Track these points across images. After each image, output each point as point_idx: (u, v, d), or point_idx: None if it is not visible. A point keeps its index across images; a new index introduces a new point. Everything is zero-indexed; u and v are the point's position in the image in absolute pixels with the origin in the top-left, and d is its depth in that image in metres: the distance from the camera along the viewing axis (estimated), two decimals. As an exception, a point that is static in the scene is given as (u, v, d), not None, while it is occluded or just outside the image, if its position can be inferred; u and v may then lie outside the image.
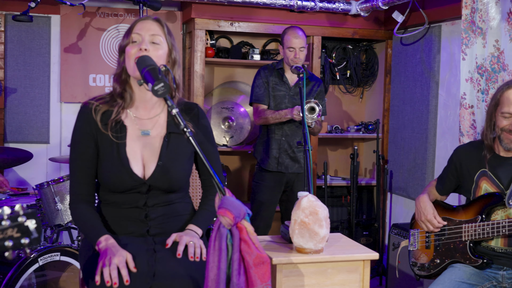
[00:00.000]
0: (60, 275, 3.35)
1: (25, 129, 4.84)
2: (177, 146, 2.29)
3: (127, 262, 2.03)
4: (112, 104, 2.27)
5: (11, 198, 3.93)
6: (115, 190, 2.24)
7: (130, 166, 2.21)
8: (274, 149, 4.16)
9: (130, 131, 2.26)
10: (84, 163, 2.25)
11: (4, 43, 4.73)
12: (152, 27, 2.25)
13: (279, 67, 4.21)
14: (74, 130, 2.29)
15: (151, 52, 2.20)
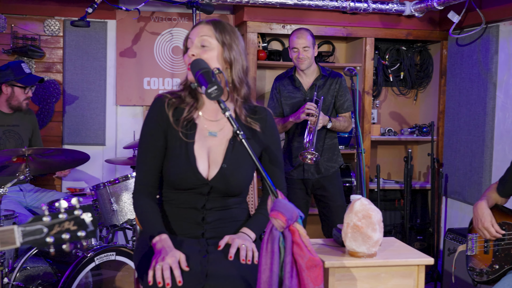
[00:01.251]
0: (116, 275, 3.42)
1: (82, 132, 4.97)
2: (242, 151, 2.28)
3: (180, 262, 2.05)
4: (184, 102, 2.30)
5: (69, 198, 4.04)
6: (178, 187, 2.25)
7: (196, 164, 2.23)
8: (297, 157, 4.05)
9: (199, 131, 2.28)
10: (152, 154, 2.27)
11: (63, 48, 4.88)
12: (202, 30, 2.25)
13: (290, 74, 4.11)
14: (145, 121, 2.32)
15: (200, 56, 2.21)
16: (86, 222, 1.55)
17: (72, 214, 1.54)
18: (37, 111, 4.84)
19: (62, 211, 1.54)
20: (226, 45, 2.24)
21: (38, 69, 4.86)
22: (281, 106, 4.09)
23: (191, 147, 2.25)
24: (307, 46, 3.92)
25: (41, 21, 4.85)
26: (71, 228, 1.53)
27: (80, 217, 1.55)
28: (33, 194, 4.12)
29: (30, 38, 4.81)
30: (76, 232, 1.54)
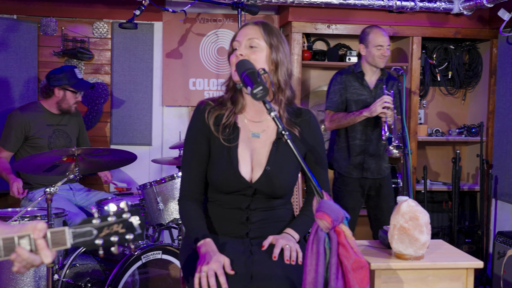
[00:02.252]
0: (162, 273, 3.46)
1: (129, 132, 5.05)
2: (286, 153, 2.28)
3: (225, 266, 2.05)
4: (224, 108, 2.31)
5: (117, 197, 4.12)
6: (222, 190, 2.27)
7: (238, 168, 2.24)
8: (357, 155, 4.03)
9: (242, 133, 2.29)
10: (196, 160, 2.29)
11: (111, 50, 4.98)
12: (250, 32, 2.26)
13: (358, 71, 4.06)
14: (188, 127, 2.34)
15: (248, 56, 2.21)
16: (134, 225, 1.58)
17: (121, 217, 1.57)
18: (86, 112, 4.95)
19: (111, 214, 1.57)
20: (273, 46, 2.25)
21: (87, 70, 4.97)
22: (346, 102, 4.06)
23: (234, 150, 2.26)
24: (389, 44, 3.96)
25: (90, 23, 4.95)
26: (119, 231, 1.56)
27: (129, 220, 1.58)
28: (82, 193, 4.21)
29: (80, 41, 4.92)
30: (124, 235, 1.57)
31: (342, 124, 3.98)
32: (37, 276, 3.31)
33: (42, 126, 4.13)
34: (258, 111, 2.31)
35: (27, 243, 1.51)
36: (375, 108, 3.77)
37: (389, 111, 3.72)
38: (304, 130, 2.33)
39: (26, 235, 1.51)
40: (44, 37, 4.89)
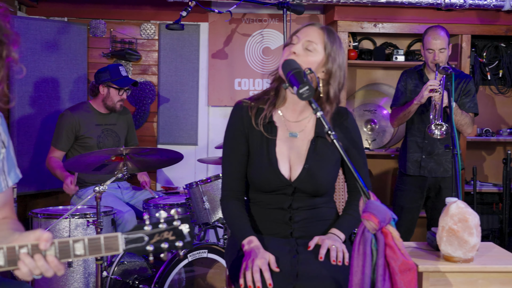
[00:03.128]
0: (207, 272, 3.49)
1: (175, 132, 5.11)
2: (324, 151, 2.28)
3: (270, 263, 2.06)
4: (264, 102, 2.32)
5: (163, 196, 4.17)
6: (262, 189, 2.28)
7: (278, 166, 2.24)
8: (414, 152, 4.01)
9: (279, 132, 2.30)
10: (236, 159, 2.31)
11: (158, 51, 5.05)
12: (312, 34, 2.24)
13: (419, 69, 4.06)
14: (227, 128, 2.36)
15: (301, 58, 2.20)
16: (184, 233, 1.61)
17: (171, 224, 1.60)
18: (133, 112, 5.04)
19: (162, 221, 1.60)
20: (331, 56, 2.23)
21: (135, 71, 5.06)
22: (406, 99, 4.04)
23: (273, 149, 2.27)
24: (443, 48, 3.86)
25: (137, 25, 5.04)
26: (169, 238, 1.59)
27: (179, 228, 1.60)
28: (130, 192, 4.29)
29: (128, 42, 5.01)
30: (174, 242, 1.60)
31: (400, 118, 3.98)
32: (86, 273, 3.38)
33: (91, 126, 4.22)
34: (296, 111, 2.31)
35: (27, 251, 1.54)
36: (422, 94, 3.76)
37: (436, 94, 3.68)
38: (342, 129, 2.32)
39: (25, 245, 1.53)
40: (94, 39, 5.00)
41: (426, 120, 3.92)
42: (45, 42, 4.67)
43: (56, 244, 1.55)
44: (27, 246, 1.53)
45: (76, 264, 3.37)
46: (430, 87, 3.70)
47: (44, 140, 4.60)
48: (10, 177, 1.84)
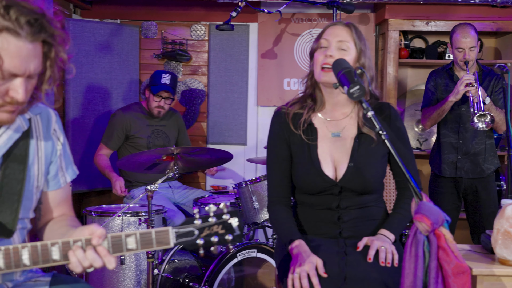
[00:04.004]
0: (257, 271, 3.50)
1: (225, 132, 5.15)
2: (369, 147, 2.26)
3: (318, 268, 2.04)
4: (302, 106, 2.32)
5: (213, 195, 4.21)
6: (308, 191, 2.28)
7: (321, 167, 2.24)
8: (449, 153, 3.89)
9: (320, 133, 2.29)
10: (279, 166, 2.32)
11: (208, 52, 5.10)
12: (341, 33, 2.24)
13: (447, 68, 3.94)
14: (269, 135, 2.38)
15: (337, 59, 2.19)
16: (233, 227, 1.62)
17: (221, 218, 1.62)
18: (183, 112, 5.10)
19: (212, 215, 1.62)
20: (362, 51, 2.25)
21: (185, 72, 5.12)
22: (437, 99, 3.95)
23: (315, 151, 2.26)
24: (473, 46, 3.74)
25: (188, 26, 5.10)
26: (219, 232, 1.61)
27: (228, 222, 1.62)
28: (181, 191, 4.34)
29: (178, 43, 5.08)
30: (224, 236, 1.61)
31: (433, 117, 3.87)
32: (138, 270, 3.45)
33: (142, 126, 4.29)
34: (338, 110, 2.31)
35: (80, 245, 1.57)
36: (457, 89, 3.64)
37: (473, 88, 3.58)
38: (385, 125, 2.29)
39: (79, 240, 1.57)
40: (145, 40, 5.09)
41: (459, 120, 3.82)
42: (98, 44, 4.78)
43: (109, 238, 1.58)
44: (81, 240, 1.57)
45: (128, 262, 3.44)
46: (466, 81, 3.59)
47: (97, 140, 4.70)
48: (68, 173, 1.90)
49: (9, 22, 1.48)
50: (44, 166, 1.80)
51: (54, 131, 1.84)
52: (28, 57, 1.52)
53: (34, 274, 1.87)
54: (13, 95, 1.54)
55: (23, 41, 1.50)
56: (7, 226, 1.67)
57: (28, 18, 1.50)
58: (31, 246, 1.56)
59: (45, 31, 1.54)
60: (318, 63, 2.23)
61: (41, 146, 1.79)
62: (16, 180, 1.69)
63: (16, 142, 1.70)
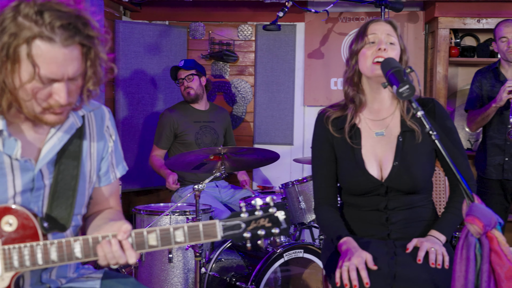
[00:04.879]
0: (303, 272, 3.49)
1: (271, 131, 5.16)
2: (413, 145, 2.23)
3: (367, 262, 2.03)
4: (344, 110, 2.31)
5: (260, 195, 4.22)
6: (354, 192, 2.27)
7: (366, 168, 2.22)
8: (496, 155, 3.78)
9: (364, 133, 2.28)
10: (324, 167, 2.33)
11: (255, 52, 5.11)
12: (386, 28, 2.24)
13: (493, 67, 3.85)
14: (313, 137, 2.39)
15: (389, 52, 2.18)
16: (280, 220, 1.63)
17: (267, 211, 1.63)
18: (230, 112, 5.13)
19: (258, 208, 1.63)
20: (405, 47, 2.28)
21: (232, 72, 5.15)
22: (482, 100, 3.87)
23: (358, 152, 2.25)
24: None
25: (235, 26, 5.13)
26: (266, 225, 1.62)
27: (274, 215, 1.63)
28: (228, 191, 4.37)
29: (225, 43, 5.11)
30: (271, 229, 1.63)
31: (478, 122, 3.80)
32: (185, 269, 3.49)
33: (189, 123, 4.35)
34: (381, 109, 2.29)
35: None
36: (500, 96, 3.57)
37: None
38: (430, 119, 2.25)
39: (106, 235, 1.62)
40: (193, 41, 5.14)
41: (506, 121, 3.71)
42: (147, 45, 4.87)
43: (157, 231, 1.63)
44: (108, 236, 1.61)
45: (176, 260, 3.48)
46: (508, 88, 3.51)
47: (146, 139, 4.79)
48: (118, 169, 1.94)
49: (42, 28, 1.48)
50: (96, 163, 1.84)
51: (107, 128, 1.88)
52: (64, 61, 1.52)
53: (86, 271, 1.92)
54: (56, 98, 1.56)
55: (58, 46, 1.50)
56: (62, 221, 1.72)
57: (62, 22, 1.50)
58: (83, 239, 1.61)
59: (80, 33, 1.53)
60: (369, 57, 2.21)
61: (94, 143, 1.83)
62: (71, 176, 1.74)
63: (70, 139, 1.75)
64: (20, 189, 1.66)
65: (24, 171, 1.66)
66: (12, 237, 1.61)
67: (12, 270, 1.60)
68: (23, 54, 1.50)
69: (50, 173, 1.71)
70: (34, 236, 1.62)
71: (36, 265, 1.60)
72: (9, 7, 1.52)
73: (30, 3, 1.50)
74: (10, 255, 1.59)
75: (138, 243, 1.63)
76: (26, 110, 1.58)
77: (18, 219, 1.62)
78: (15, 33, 1.49)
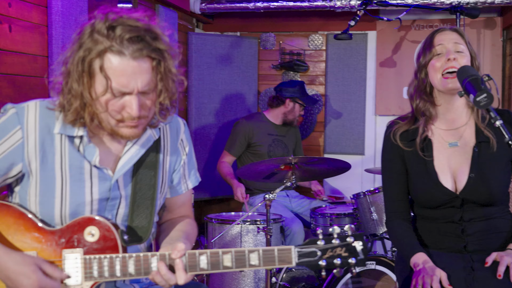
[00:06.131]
0: (375, 284, 3.43)
1: (342, 141, 5.12)
2: (489, 156, 2.15)
3: (441, 280, 1.98)
4: (413, 122, 2.26)
5: (330, 205, 4.18)
6: (427, 205, 2.21)
7: (439, 180, 2.16)
8: None
9: (436, 145, 2.22)
10: (395, 180, 2.28)
11: (325, 61, 5.10)
12: (453, 36, 2.18)
13: None
14: (382, 150, 2.34)
15: (459, 61, 2.12)
16: (357, 250, 1.60)
17: (345, 240, 1.60)
18: (301, 122, 5.13)
19: (335, 236, 1.61)
20: (475, 53, 2.21)
21: (303, 82, 5.15)
22: None
23: (431, 164, 2.18)
24: None
25: (305, 36, 5.13)
26: (342, 254, 1.59)
27: (352, 245, 1.60)
28: (298, 200, 4.36)
29: (296, 53, 5.12)
30: (347, 259, 1.59)
31: None
32: (256, 278, 3.50)
33: (264, 135, 4.38)
34: (454, 119, 2.21)
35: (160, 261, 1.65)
36: None
37: None
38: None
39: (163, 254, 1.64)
40: (264, 51, 5.18)
41: None
42: (219, 56, 4.95)
43: (232, 252, 1.63)
44: (166, 254, 1.64)
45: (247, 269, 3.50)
46: None
47: (218, 149, 4.85)
48: (190, 180, 1.97)
49: (113, 41, 1.55)
50: (167, 174, 1.88)
51: (181, 141, 1.92)
52: (133, 74, 1.57)
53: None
54: (128, 111, 1.61)
55: (127, 59, 1.56)
56: (143, 230, 1.77)
57: (131, 36, 1.56)
58: (160, 255, 1.65)
59: (149, 47, 1.58)
60: (439, 70, 2.15)
61: (167, 155, 1.87)
62: (148, 185, 1.79)
63: (147, 150, 1.79)
64: (97, 197, 1.72)
65: (102, 180, 1.72)
66: (93, 248, 1.67)
67: (92, 280, 1.66)
68: (96, 67, 1.57)
69: (126, 184, 1.77)
70: (114, 248, 1.67)
71: (114, 276, 1.65)
72: (89, 25, 1.60)
73: (104, 20, 1.58)
74: (91, 265, 1.65)
75: (191, 265, 1.64)
76: (103, 123, 1.65)
77: (100, 230, 1.67)
78: (90, 48, 1.56)
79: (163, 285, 1.65)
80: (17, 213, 1.69)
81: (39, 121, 1.67)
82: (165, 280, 1.63)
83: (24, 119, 1.66)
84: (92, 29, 1.58)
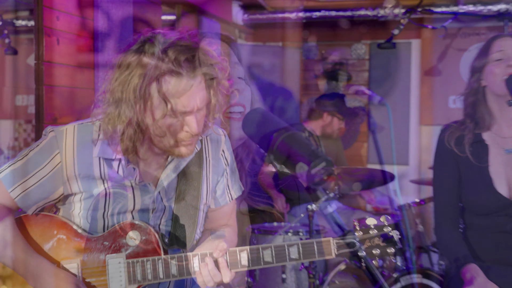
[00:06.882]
0: (421, 298, 3.36)
1: (386, 151, 5.04)
2: None
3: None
4: (468, 127, 2.22)
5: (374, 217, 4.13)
6: (479, 212, 2.16)
7: (494, 186, 2.12)
8: None
9: (492, 151, 2.18)
10: (447, 185, 2.24)
11: (369, 70, 5.05)
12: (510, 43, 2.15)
13: None
14: (435, 154, 2.31)
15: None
16: (395, 240, 1.61)
17: (382, 230, 1.62)
18: (343, 132, 5.09)
19: (372, 227, 1.60)
20: None
21: (345, 91, 5.12)
22: None
23: (486, 169, 2.15)
24: None
25: (348, 46, 5.10)
26: (380, 244, 1.62)
27: (389, 234, 1.60)
28: (342, 211, 4.32)
29: (338, 63, 5.10)
30: (386, 248, 1.62)
31: None
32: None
33: (305, 147, 4.36)
34: (511, 126, 2.17)
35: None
36: None
37: None
38: None
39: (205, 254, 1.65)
40: (306, 61, 5.18)
41: None
42: (261, 66, 4.96)
43: (272, 248, 1.65)
44: (207, 254, 1.66)
45: (290, 281, 3.47)
46: None
47: (259, 159, 4.86)
48: (234, 190, 1.98)
49: (169, 64, 1.55)
50: (211, 185, 1.89)
51: (223, 152, 1.92)
52: (192, 93, 1.59)
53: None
54: (188, 130, 1.62)
55: (185, 80, 1.57)
56: (187, 238, 1.79)
57: (186, 56, 1.57)
58: (201, 254, 1.66)
59: (203, 64, 1.60)
60: (499, 75, 2.13)
61: (210, 166, 1.88)
62: (192, 195, 1.81)
63: (189, 162, 1.81)
64: (139, 207, 1.74)
65: (144, 193, 1.74)
66: (135, 251, 1.69)
67: (135, 283, 1.68)
68: (153, 92, 1.57)
69: (169, 196, 1.79)
70: (155, 251, 1.70)
71: (157, 278, 1.67)
72: (131, 51, 1.60)
73: (154, 43, 1.58)
74: (134, 269, 1.68)
75: (232, 262, 1.65)
76: (160, 145, 1.66)
77: (141, 234, 1.70)
78: (143, 74, 1.56)
79: (207, 282, 1.66)
80: (59, 223, 1.73)
81: (76, 144, 1.70)
82: (211, 276, 1.64)
83: (63, 143, 1.69)
84: (140, 54, 1.59)
